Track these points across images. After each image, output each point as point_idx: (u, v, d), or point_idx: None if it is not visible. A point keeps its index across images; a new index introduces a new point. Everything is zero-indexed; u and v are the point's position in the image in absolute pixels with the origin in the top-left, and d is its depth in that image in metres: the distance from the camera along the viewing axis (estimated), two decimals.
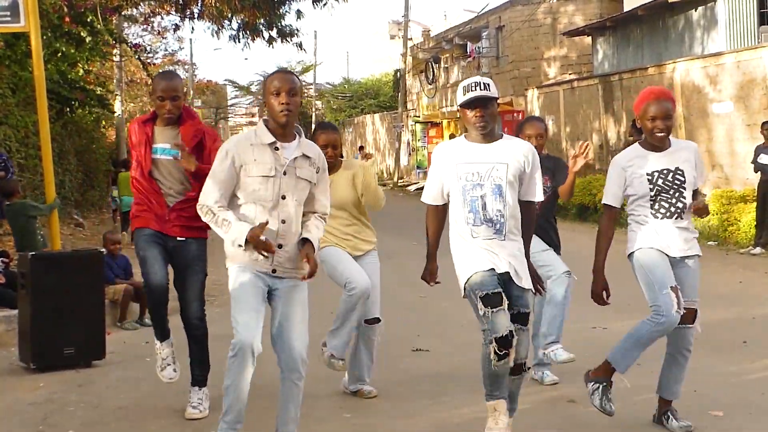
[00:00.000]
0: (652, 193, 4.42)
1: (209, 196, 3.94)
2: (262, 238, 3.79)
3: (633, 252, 4.46)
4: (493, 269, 4.10)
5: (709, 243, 13.25)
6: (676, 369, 4.50)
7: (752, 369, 5.86)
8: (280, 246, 3.92)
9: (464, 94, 4.13)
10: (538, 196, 4.30)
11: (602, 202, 4.56)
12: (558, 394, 5.31)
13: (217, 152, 4.04)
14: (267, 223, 3.84)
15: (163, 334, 5.10)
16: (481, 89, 4.09)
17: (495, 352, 3.98)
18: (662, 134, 4.39)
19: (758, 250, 11.85)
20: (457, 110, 4.24)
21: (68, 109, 16.38)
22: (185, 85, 5.00)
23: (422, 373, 5.88)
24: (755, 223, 12.23)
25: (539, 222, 5.42)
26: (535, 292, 4.30)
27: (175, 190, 4.89)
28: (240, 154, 3.93)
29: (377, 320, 5.31)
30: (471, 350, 5.80)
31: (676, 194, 4.41)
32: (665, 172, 4.41)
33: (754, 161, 12.12)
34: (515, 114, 25.21)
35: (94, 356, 6.18)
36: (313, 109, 52.20)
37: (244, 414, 4.04)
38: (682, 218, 4.42)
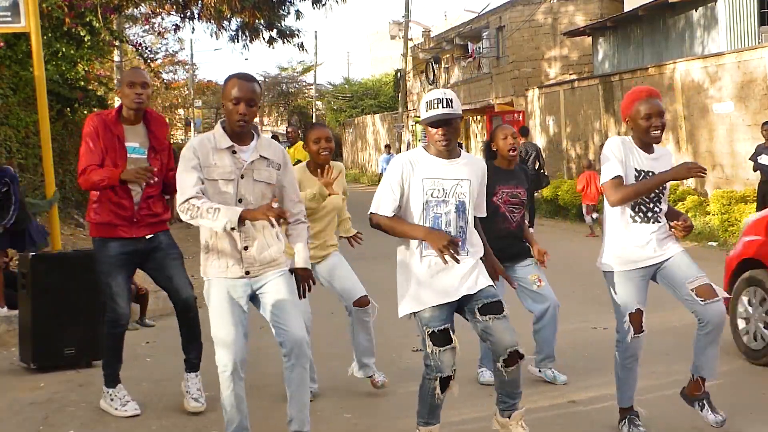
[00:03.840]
0: None
1: (187, 190, 3.89)
2: (272, 206, 3.82)
3: (605, 271, 4.47)
4: (446, 302, 3.97)
5: (709, 243, 13.26)
6: (713, 347, 4.42)
7: (752, 369, 5.86)
8: (245, 248, 3.97)
9: (426, 111, 3.95)
10: (483, 212, 4.22)
11: (609, 179, 4.26)
12: (558, 394, 5.32)
13: (183, 152, 4.02)
14: (275, 199, 3.94)
15: (115, 375, 5.08)
16: (443, 106, 3.91)
17: (438, 388, 3.99)
18: (658, 132, 4.32)
19: None
20: (421, 124, 4.14)
21: (69, 110, 16.37)
22: (152, 84, 5.03)
23: (422, 373, 5.86)
24: None
25: (517, 236, 5.48)
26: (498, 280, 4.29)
27: (142, 187, 4.91)
28: (202, 155, 3.95)
29: (366, 300, 5.29)
30: (470, 350, 5.80)
31: (656, 199, 4.38)
32: (650, 174, 4.35)
33: (753, 159, 12.13)
34: (516, 114, 25.22)
35: (94, 356, 6.17)
36: (314, 110, 52.21)
37: (246, 423, 4.10)
38: (658, 222, 4.39)
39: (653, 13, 19.58)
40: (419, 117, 4.24)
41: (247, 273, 4.00)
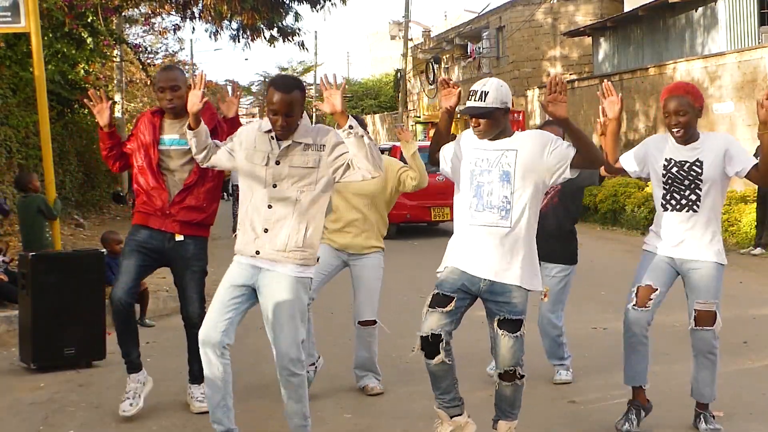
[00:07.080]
0: (664, 179, 4.45)
1: None
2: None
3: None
4: (468, 273, 3.99)
5: None
6: (704, 373, 4.49)
7: (752, 369, 5.86)
8: (266, 231, 3.98)
9: (466, 101, 4.07)
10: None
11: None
12: (558, 394, 5.32)
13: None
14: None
15: (128, 360, 5.00)
16: (476, 99, 4.00)
17: (420, 349, 4.02)
18: (677, 129, 4.38)
19: (758, 250, 11.85)
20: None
21: (69, 110, 16.37)
22: (187, 79, 5.05)
23: (422, 373, 5.85)
24: (755, 223, 12.23)
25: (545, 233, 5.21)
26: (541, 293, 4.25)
27: (178, 178, 4.90)
28: (246, 137, 4.12)
29: (372, 322, 5.33)
30: (470, 349, 5.80)
31: (691, 185, 4.39)
32: (682, 162, 4.40)
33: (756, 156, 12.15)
34: (516, 114, 25.19)
35: (94, 356, 6.18)
36: (314, 110, 52.21)
37: (228, 402, 4.08)
38: (695, 211, 4.40)
39: (653, 13, 19.59)
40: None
41: (258, 253, 3.99)
